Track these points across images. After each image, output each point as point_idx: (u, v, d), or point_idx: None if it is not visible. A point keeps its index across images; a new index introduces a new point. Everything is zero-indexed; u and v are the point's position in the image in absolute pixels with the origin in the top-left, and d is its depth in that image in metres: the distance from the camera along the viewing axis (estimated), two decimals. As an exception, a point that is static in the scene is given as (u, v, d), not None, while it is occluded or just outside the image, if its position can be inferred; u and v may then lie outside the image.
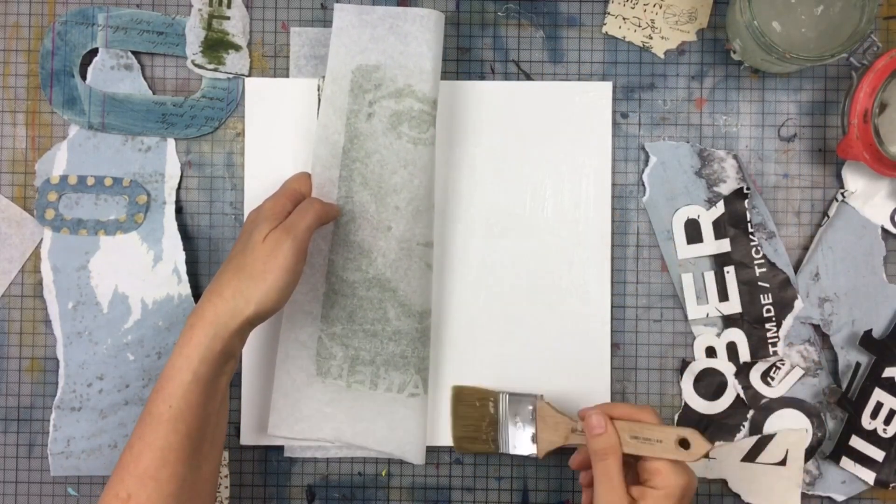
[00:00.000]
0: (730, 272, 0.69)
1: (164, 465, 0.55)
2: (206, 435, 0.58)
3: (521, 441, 0.66)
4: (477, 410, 0.68)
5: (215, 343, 0.57)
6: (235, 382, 0.70)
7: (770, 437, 0.69)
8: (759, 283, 0.69)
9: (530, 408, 0.66)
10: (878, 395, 0.69)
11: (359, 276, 0.67)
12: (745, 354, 0.69)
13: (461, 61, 0.71)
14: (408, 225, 0.67)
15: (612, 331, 0.70)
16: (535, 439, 0.65)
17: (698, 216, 0.70)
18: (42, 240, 0.70)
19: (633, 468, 0.59)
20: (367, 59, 0.67)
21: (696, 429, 0.58)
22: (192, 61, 0.70)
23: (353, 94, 0.67)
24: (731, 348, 0.70)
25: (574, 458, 0.63)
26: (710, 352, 0.70)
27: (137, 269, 0.70)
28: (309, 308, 0.67)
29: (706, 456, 0.57)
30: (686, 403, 0.70)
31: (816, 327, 0.70)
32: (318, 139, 0.67)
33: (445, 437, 0.70)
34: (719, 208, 0.70)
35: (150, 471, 0.55)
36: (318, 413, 0.68)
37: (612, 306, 0.70)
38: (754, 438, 0.70)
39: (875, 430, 0.69)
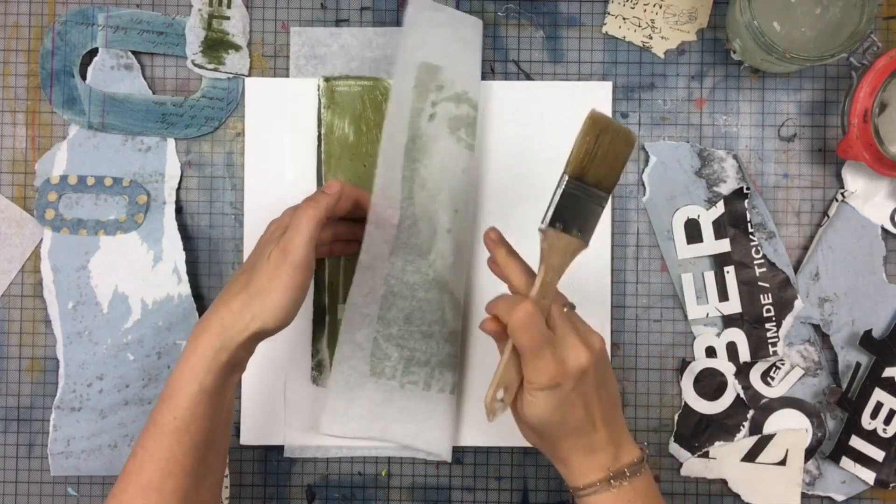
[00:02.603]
0: (730, 272, 0.69)
1: (168, 477, 0.54)
2: (210, 446, 0.57)
3: None
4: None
5: (221, 354, 0.56)
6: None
7: (770, 437, 0.69)
8: (759, 283, 0.69)
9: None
10: (878, 395, 0.69)
11: (419, 279, 0.66)
12: (745, 354, 0.69)
13: (461, 61, 0.71)
14: (463, 228, 0.67)
15: (612, 331, 0.70)
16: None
17: (698, 216, 0.70)
18: (42, 240, 0.70)
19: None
20: (431, 59, 0.66)
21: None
22: (192, 61, 0.70)
23: (416, 91, 0.66)
24: (731, 348, 0.70)
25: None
26: (710, 352, 0.70)
27: (137, 269, 0.70)
28: (367, 311, 0.66)
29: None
30: (686, 403, 0.70)
31: (816, 327, 0.70)
32: (385, 136, 0.65)
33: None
34: (719, 208, 0.70)
35: (153, 482, 0.54)
36: (370, 413, 0.67)
37: (612, 306, 0.70)
38: (754, 438, 0.70)
39: (875, 430, 0.69)
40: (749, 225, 0.69)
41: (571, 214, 0.54)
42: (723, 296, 0.70)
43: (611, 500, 0.54)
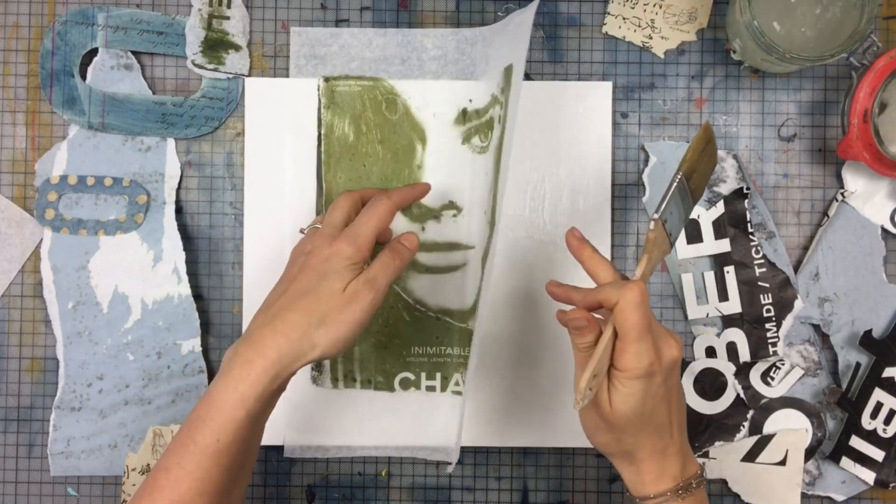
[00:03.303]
0: (730, 272, 0.69)
1: (201, 495, 0.54)
2: (244, 464, 0.57)
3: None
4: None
5: (273, 384, 0.55)
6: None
7: (770, 437, 0.69)
8: (759, 283, 0.69)
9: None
10: (878, 395, 0.69)
11: (482, 283, 0.66)
12: (745, 354, 0.69)
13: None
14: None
15: (612, 331, 0.70)
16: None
17: (698, 216, 0.70)
18: (42, 240, 0.70)
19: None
20: (503, 63, 0.66)
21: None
22: (192, 61, 0.70)
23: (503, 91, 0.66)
24: (731, 348, 0.70)
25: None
26: (710, 352, 0.70)
27: (137, 269, 0.70)
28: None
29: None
30: (686, 403, 0.70)
31: (816, 327, 0.70)
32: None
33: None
34: (719, 208, 0.70)
35: (185, 498, 0.54)
36: (445, 427, 0.64)
37: (612, 306, 0.70)
38: (754, 438, 0.70)
39: (875, 430, 0.69)
40: (749, 225, 0.69)
41: (670, 215, 0.56)
42: (723, 296, 0.70)
43: None
